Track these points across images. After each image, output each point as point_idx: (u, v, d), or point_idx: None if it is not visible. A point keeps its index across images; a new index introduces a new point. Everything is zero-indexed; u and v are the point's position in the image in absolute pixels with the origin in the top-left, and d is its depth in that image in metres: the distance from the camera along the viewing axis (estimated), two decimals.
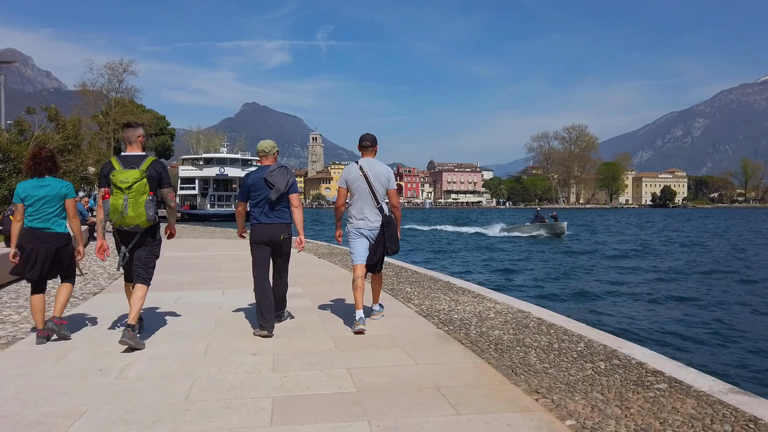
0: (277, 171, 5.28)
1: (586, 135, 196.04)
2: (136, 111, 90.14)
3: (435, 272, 9.90)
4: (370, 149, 5.61)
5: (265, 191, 5.25)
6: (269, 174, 5.25)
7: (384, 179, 5.49)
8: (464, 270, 19.53)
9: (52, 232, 4.95)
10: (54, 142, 19.55)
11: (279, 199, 5.26)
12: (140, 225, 4.85)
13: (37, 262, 4.90)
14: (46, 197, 4.91)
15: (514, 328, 5.46)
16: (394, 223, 5.57)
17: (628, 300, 13.21)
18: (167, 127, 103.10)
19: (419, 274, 9.64)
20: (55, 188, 4.97)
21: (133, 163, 4.86)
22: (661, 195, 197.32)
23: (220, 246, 15.85)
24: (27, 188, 4.91)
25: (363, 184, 5.43)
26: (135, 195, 4.73)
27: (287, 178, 5.29)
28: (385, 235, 5.51)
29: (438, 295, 7.40)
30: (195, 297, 7.41)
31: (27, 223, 4.90)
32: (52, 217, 4.96)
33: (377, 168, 5.50)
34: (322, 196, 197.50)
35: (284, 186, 5.25)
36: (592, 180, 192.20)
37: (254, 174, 5.39)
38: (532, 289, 14.99)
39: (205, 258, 12.43)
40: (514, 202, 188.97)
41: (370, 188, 5.41)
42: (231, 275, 9.54)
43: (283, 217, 5.35)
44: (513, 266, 20.57)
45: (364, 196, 5.45)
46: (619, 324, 10.20)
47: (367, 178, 5.41)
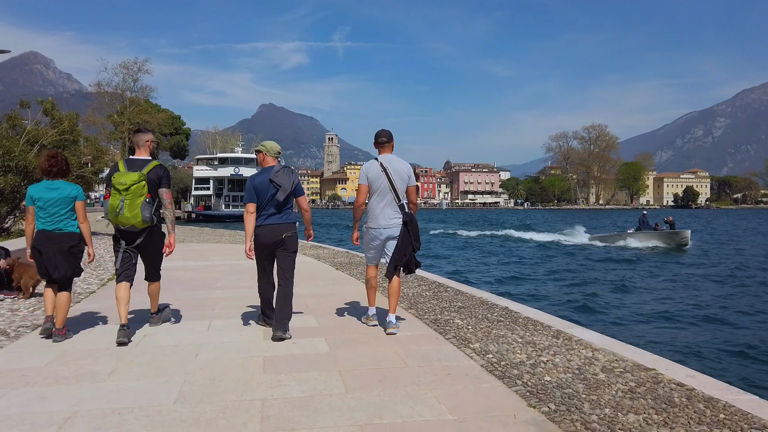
0: (281, 172, 5.27)
1: (606, 134, 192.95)
2: (151, 110, 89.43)
3: (484, 292, 7.84)
4: (387, 145, 5.49)
5: (272, 192, 5.21)
6: (275, 175, 5.24)
7: (405, 176, 5.37)
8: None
9: (63, 231, 5.06)
10: (48, 137, 17.80)
11: (286, 199, 5.25)
12: (135, 225, 5.03)
13: (58, 262, 5.04)
14: (56, 200, 5.01)
15: (654, 406, 3.41)
16: (416, 220, 5.46)
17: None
18: (182, 126, 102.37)
19: (464, 294, 7.59)
20: (65, 191, 5.07)
21: (137, 166, 5.08)
22: (683, 195, 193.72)
23: (224, 253, 13.93)
24: (38, 191, 5.03)
25: (384, 180, 5.29)
26: (132, 197, 4.93)
27: (292, 179, 5.28)
28: (410, 232, 5.34)
29: (503, 333, 5.35)
30: (168, 334, 5.40)
31: (39, 226, 5.03)
32: (63, 219, 5.06)
33: (398, 164, 5.39)
34: (338, 197, 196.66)
35: (290, 186, 5.24)
36: (612, 180, 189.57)
37: (259, 175, 5.32)
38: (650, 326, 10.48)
39: (202, 270, 10.48)
40: (532, 202, 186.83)
41: (391, 185, 5.28)
42: (226, 296, 7.56)
43: (288, 218, 5.33)
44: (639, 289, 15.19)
45: (385, 193, 5.31)
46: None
47: (389, 174, 5.30)
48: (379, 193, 5.34)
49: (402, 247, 5.33)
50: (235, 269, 10.33)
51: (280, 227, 5.25)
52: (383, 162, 5.36)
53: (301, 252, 13.57)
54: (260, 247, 5.30)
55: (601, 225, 60.82)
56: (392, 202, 5.33)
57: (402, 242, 5.33)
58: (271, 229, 5.23)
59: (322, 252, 13.89)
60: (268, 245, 5.27)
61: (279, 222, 5.25)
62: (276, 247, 5.28)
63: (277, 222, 5.24)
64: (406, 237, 5.33)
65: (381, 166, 5.34)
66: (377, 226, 5.37)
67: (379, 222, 5.35)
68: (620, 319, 11.06)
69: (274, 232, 5.22)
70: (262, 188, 5.26)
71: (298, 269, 5.67)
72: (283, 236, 5.24)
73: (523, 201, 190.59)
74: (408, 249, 5.35)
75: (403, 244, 5.33)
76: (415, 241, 5.38)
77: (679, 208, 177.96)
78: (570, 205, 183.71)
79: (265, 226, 5.23)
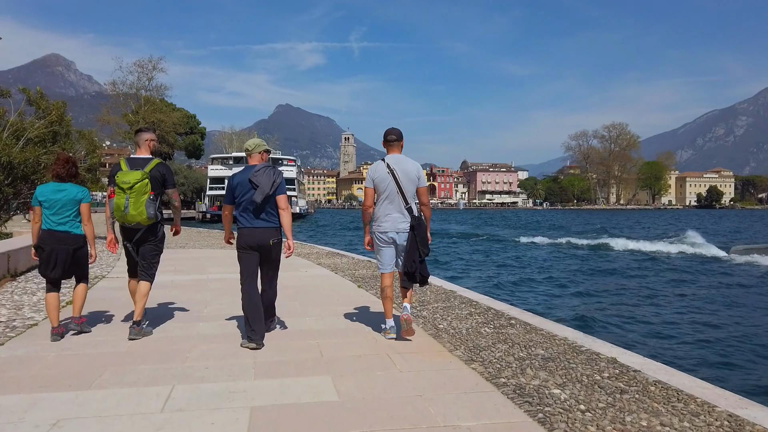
0: (262, 171, 4.95)
1: (627, 133, 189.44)
2: (166, 109, 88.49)
3: (567, 329, 5.68)
4: (396, 144, 5.21)
5: (250, 193, 4.90)
6: (254, 174, 4.92)
7: (414, 176, 5.10)
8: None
9: (69, 233, 5.17)
10: (34, 130, 15.96)
11: (265, 201, 4.88)
12: (141, 222, 5.11)
13: (57, 262, 5.12)
14: (63, 201, 5.13)
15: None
16: (424, 225, 5.13)
17: None
18: (198, 126, 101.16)
19: (540, 333, 5.46)
20: (71, 193, 5.18)
21: (139, 165, 5.15)
22: (707, 195, 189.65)
23: (224, 262, 11.96)
24: (45, 192, 5.14)
25: (391, 182, 5.03)
26: (136, 195, 5.01)
27: (273, 178, 4.93)
28: (417, 237, 5.04)
29: (643, 419, 3.22)
30: (97, 424, 3.29)
31: (45, 225, 5.14)
32: (69, 220, 5.17)
33: (405, 165, 5.11)
34: (354, 197, 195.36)
35: (269, 186, 4.89)
36: (633, 180, 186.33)
37: (239, 174, 5.04)
38: None
39: (192, 287, 8.47)
40: (551, 202, 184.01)
41: (398, 187, 5.02)
42: (210, 333, 5.52)
43: (272, 221, 5.02)
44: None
45: (393, 195, 5.05)
46: None
47: (396, 176, 5.04)
48: (388, 195, 5.07)
49: (411, 254, 5.05)
50: (231, 287, 8.29)
51: (266, 232, 4.99)
52: (390, 162, 5.11)
53: (316, 262, 11.53)
54: (244, 250, 5.04)
55: (636, 225, 58.20)
56: (400, 204, 5.06)
57: (410, 249, 5.05)
58: (256, 232, 4.97)
59: (341, 262, 11.84)
60: (252, 249, 5.01)
61: (263, 226, 4.98)
62: (261, 252, 5.04)
63: (261, 226, 4.98)
64: (413, 242, 5.05)
65: (388, 167, 5.08)
66: (385, 230, 5.10)
67: (386, 226, 5.09)
68: None
69: (260, 236, 4.97)
70: (240, 188, 4.99)
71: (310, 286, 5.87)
72: (270, 243, 5.00)
73: (541, 201, 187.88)
74: (415, 255, 5.05)
75: (411, 250, 5.06)
76: (422, 247, 5.07)
77: (703, 208, 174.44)
78: (590, 205, 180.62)
79: (249, 229, 4.97)
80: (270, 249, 5.02)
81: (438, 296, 7.45)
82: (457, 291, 7.79)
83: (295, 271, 10.05)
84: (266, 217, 4.98)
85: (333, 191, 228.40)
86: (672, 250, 26.63)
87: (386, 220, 5.08)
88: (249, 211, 4.94)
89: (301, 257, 12.66)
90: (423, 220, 5.15)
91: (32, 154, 15.07)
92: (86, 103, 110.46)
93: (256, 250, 5.02)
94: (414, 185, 5.10)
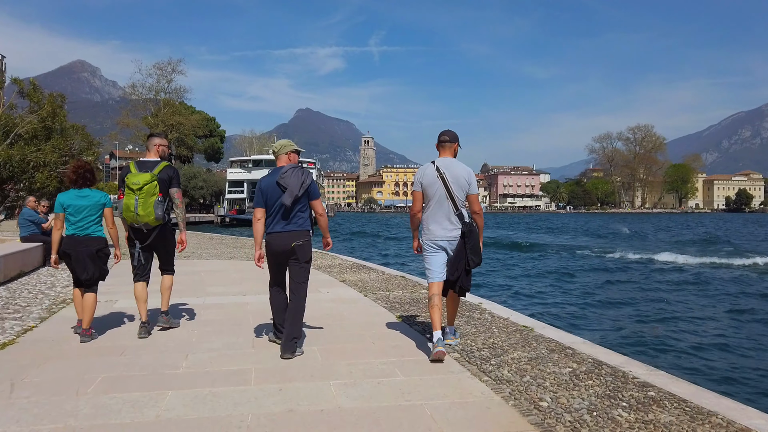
0: (290, 172, 4.75)
1: (653, 135, 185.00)
2: (185, 112, 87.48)
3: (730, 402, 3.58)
4: (449, 146, 4.92)
5: (278, 196, 4.71)
6: (281, 176, 4.74)
7: (464, 182, 4.79)
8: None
9: (91, 236, 5.31)
10: (25, 125, 14.22)
11: (295, 203, 4.70)
12: (149, 223, 5.25)
13: (87, 264, 5.28)
14: (87, 207, 5.27)
15: None
16: (476, 232, 4.85)
17: None
18: (217, 128, 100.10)
19: (689, 406, 3.38)
20: (94, 198, 5.34)
21: (148, 167, 5.32)
22: (736, 199, 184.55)
23: (230, 279, 9.99)
24: (68, 198, 5.28)
25: (440, 187, 4.76)
26: (145, 196, 5.15)
27: (302, 179, 4.72)
28: (467, 245, 4.75)
29: None
30: None
31: (69, 231, 5.26)
32: (92, 224, 5.33)
33: (456, 169, 4.80)
34: (374, 200, 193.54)
35: (298, 188, 4.68)
36: (659, 183, 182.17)
37: (267, 178, 4.88)
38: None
39: (177, 316, 6.56)
40: (575, 206, 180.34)
41: (448, 192, 4.75)
42: (179, 417, 3.46)
43: (299, 224, 4.78)
44: None
45: (442, 201, 4.78)
46: None
47: (445, 180, 4.74)
48: (437, 201, 4.78)
49: (455, 263, 4.76)
50: (232, 317, 6.30)
51: (290, 235, 4.76)
52: (440, 166, 4.81)
53: (339, 278, 9.53)
54: (270, 256, 4.86)
55: (668, 229, 55.48)
56: (450, 211, 4.76)
57: (456, 257, 4.76)
58: (280, 237, 4.76)
59: (369, 278, 9.81)
60: (277, 254, 4.81)
61: (288, 229, 4.76)
62: (287, 257, 4.80)
63: (287, 229, 4.76)
64: (462, 250, 4.77)
65: (437, 170, 4.79)
66: (435, 238, 4.81)
67: (436, 234, 4.80)
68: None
69: (284, 241, 4.75)
70: (269, 191, 4.80)
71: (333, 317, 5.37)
72: (292, 245, 4.74)
73: (565, 204, 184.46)
74: (461, 264, 4.75)
75: (456, 259, 4.76)
76: (473, 256, 4.77)
77: (732, 212, 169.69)
78: (614, 208, 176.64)
79: (274, 234, 4.78)
80: (294, 251, 4.75)
81: (510, 335, 5.40)
82: (536, 328, 5.72)
83: (314, 292, 8.09)
84: (295, 221, 4.77)
85: (353, 195, 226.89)
86: None
87: (435, 226, 4.81)
88: (278, 216, 4.76)
89: (322, 271, 10.68)
90: (475, 227, 4.86)
91: (19, 153, 13.33)
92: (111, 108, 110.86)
93: (281, 255, 4.81)
94: (464, 192, 4.79)
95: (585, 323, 11.04)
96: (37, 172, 13.95)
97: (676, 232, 53.54)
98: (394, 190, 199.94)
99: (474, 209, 4.88)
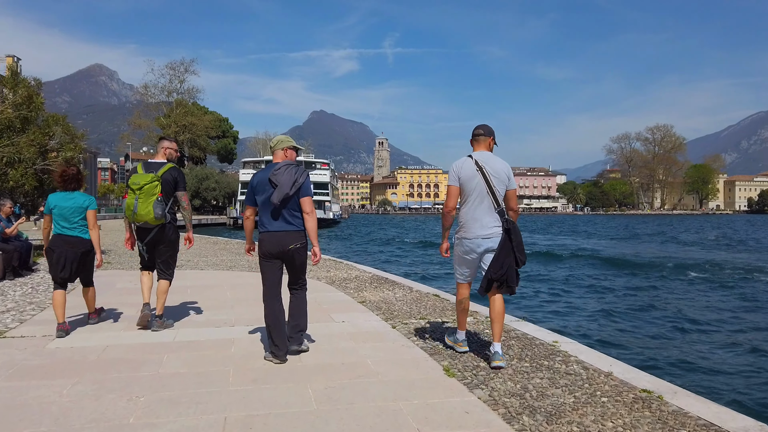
0: (283, 169, 4.45)
1: (672, 135, 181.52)
2: (198, 112, 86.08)
3: None
4: (484, 140, 4.59)
5: (269, 193, 4.44)
6: (274, 173, 4.45)
7: (504, 177, 4.47)
8: None
9: (78, 238, 5.50)
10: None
11: (285, 202, 4.43)
12: (149, 222, 5.35)
13: (66, 263, 5.44)
14: (71, 208, 5.47)
15: None
16: (518, 229, 4.51)
17: None
18: (230, 129, 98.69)
19: None
20: (78, 201, 5.52)
21: (153, 169, 5.46)
22: (758, 200, 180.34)
23: (219, 299, 8.17)
24: (56, 200, 5.49)
25: (481, 181, 4.42)
26: (145, 195, 5.28)
27: (294, 177, 4.42)
28: (513, 242, 4.40)
29: None
30: None
31: (56, 231, 5.50)
32: (78, 225, 5.50)
33: (496, 163, 4.49)
34: (389, 202, 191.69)
35: (289, 186, 4.38)
36: (678, 184, 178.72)
37: (260, 173, 4.63)
38: None
39: (132, 362, 4.68)
40: (592, 207, 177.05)
41: (489, 187, 4.41)
42: None
43: (293, 224, 4.51)
44: None
45: (482, 197, 4.43)
46: None
47: (486, 175, 4.42)
48: (477, 196, 4.45)
49: (500, 258, 4.39)
50: (205, 368, 4.34)
51: (286, 235, 4.48)
52: (479, 159, 4.48)
53: (357, 298, 7.64)
54: (264, 257, 4.54)
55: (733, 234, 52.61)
56: (490, 207, 4.44)
57: (501, 253, 4.40)
58: (275, 236, 4.48)
59: (395, 297, 7.83)
60: (272, 256, 4.52)
61: (284, 230, 4.48)
62: (284, 260, 4.56)
63: (282, 229, 4.48)
64: (507, 247, 4.41)
65: (476, 164, 4.46)
66: (474, 236, 4.45)
67: (476, 231, 4.44)
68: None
69: (279, 241, 4.47)
70: (260, 188, 4.54)
71: (351, 364, 4.37)
72: (289, 248, 4.48)
73: (582, 206, 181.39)
74: (508, 260, 4.40)
75: (502, 254, 4.40)
76: (519, 254, 4.44)
77: (754, 214, 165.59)
78: (633, 210, 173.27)
79: (269, 233, 4.50)
80: (292, 254, 4.52)
81: (632, 413, 3.44)
82: (664, 394, 3.75)
83: (327, 320, 6.17)
84: (288, 220, 4.48)
85: (367, 196, 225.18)
86: None
87: (474, 224, 4.45)
88: (268, 214, 4.49)
89: (336, 286, 8.77)
90: (516, 224, 4.50)
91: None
92: (128, 111, 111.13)
93: (277, 258, 4.54)
94: (504, 186, 4.47)
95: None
96: (10, 168, 12.17)
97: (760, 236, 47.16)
98: (409, 192, 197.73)
99: (512, 206, 4.54)
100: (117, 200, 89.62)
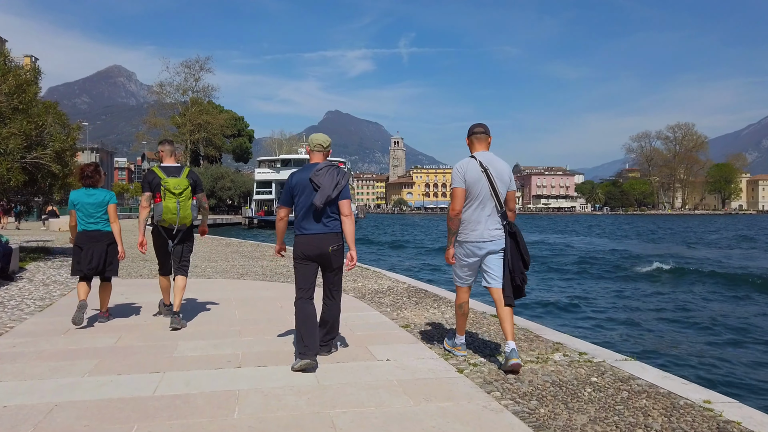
0: (325, 170, 4.34)
1: (694, 134, 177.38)
2: (213, 111, 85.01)
3: None
4: (484, 138, 4.54)
5: (310, 194, 4.31)
6: (315, 174, 4.31)
7: (507, 178, 4.45)
8: None
9: (101, 231, 5.73)
10: None
11: (327, 204, 4.30)
12: (186, 224, 5.72)
13: (93, 258, 5.66)
14: (93, 204, 5.70)
15: None
16: (520, 232, 4.47)
17: None
18: (246, 128, 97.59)
19: None
20: (100, 196, 5.76)
21: (173, 172, 5.65)
22: None
23: (222, 326, 6.65)
24: (78, 197, 5.74)
25: (486, 184, 4.35)
26: (185, 199, 5.61)
27: (336, 179, 4.32)
28: (519, 245, 4.39)
29: None
30: None
31: (80, 227, 5.72)
32: (101, 220, 5.73)
33: (499, 165, 4.44)
34: (404, 201, 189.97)
35: (332, 188, 4.27)
36: (700, 183, 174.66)
37: (299, 174, 4.47)
38: None
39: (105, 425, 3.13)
40: (611, 207, 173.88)
41: (493, 190, 4.35)
42: None
43: (332, 227, 4.39)
44: None
45: (486, 199, 4.37)
46: None
47: (490, 176, 4.35)
48: (481, 199, 4.37)
49: (514, 263, 4.38)
50: None
51: (326, 238, 4.34)
52: (483, 161, 4.40)
53: (399, 321, 6.05)
54: (301, 260, 4.39)
55: None
56: (494, 209, 4.41)
57: (513, 257, 4.38)
58: (315, 239, 4.34)
59: (444, 318, 6.28)
60: (310, 258, 4.37)
61: (323, 232, 4.35)
62: (320, 262, 4.42)
63: (321, 231, 4.35)
64: (515, 250, 4.39)
65: (481, 165, 4.37)
66: (478, 239, 4.38)
67: (481, 234, 4.37)
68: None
69: (319, 243, 4.33)
70: (299, 189, 4.41)
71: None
72: (329, 250, 4.37)
73: (601, 206, 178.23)
74: (517, 264, 4.38)
75: (514, 259, 4.38)
76: (525, 256, 4.42)
77: None
78: (654, 210, 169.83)
79: (308, 236, 4.36)
80: (329, 257, 4.39)
81: None
82: (724, 410, 2.14)
83: (362, 357, 4.60)
84: (326, 222, 4.37)
85: (382, 196, 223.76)
86: None
87: (476, 227, 4.39)
88: (308, 216, 4.36)
89: (367, 302, 7.20)
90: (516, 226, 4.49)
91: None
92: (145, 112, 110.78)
93: (314, 260, 4.40)
94: (506, 188, 4.44)
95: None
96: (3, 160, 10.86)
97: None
98: (425, 191, 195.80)
99: (511, 207, 4.49)
100: (132, 199, 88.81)
